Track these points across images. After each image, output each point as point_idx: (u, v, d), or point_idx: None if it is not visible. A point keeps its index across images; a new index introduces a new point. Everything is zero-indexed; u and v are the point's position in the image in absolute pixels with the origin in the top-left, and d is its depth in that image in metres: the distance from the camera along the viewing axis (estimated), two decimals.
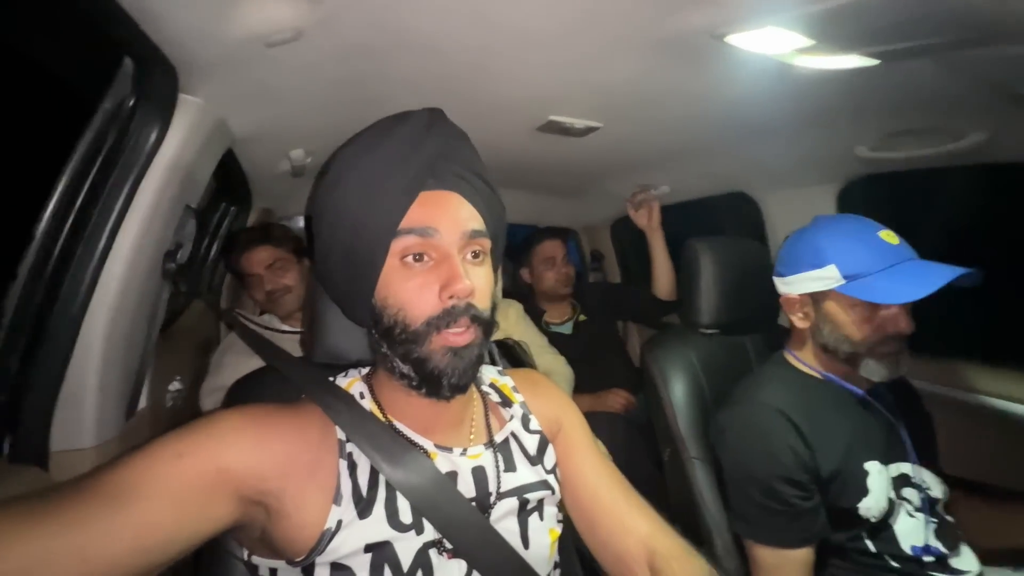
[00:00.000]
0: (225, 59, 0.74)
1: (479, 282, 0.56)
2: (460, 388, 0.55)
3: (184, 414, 1.32)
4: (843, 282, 0.86)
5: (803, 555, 0.83)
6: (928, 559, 0.84)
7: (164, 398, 1.19)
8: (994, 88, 0.85)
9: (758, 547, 0.87)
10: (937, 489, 0.90)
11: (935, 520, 0.87)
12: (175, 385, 1.29)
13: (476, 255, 0.57)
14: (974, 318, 1.42)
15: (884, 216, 0.93)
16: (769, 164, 1.46)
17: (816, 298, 0.91)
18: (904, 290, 0.80)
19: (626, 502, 0.67)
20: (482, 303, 0.56)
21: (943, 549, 0.85)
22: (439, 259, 0.55)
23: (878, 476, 0.86)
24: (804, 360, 0.97)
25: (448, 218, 0.55)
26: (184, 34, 0.66)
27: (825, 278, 0.88)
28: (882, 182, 1.37)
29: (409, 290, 0.54)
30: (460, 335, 0.54)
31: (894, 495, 0.86)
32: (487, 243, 0.58)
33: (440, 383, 0.54)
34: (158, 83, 0.73)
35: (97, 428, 0.79)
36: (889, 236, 0.87)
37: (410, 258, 0.55)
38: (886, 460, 0.88)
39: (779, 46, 0.72)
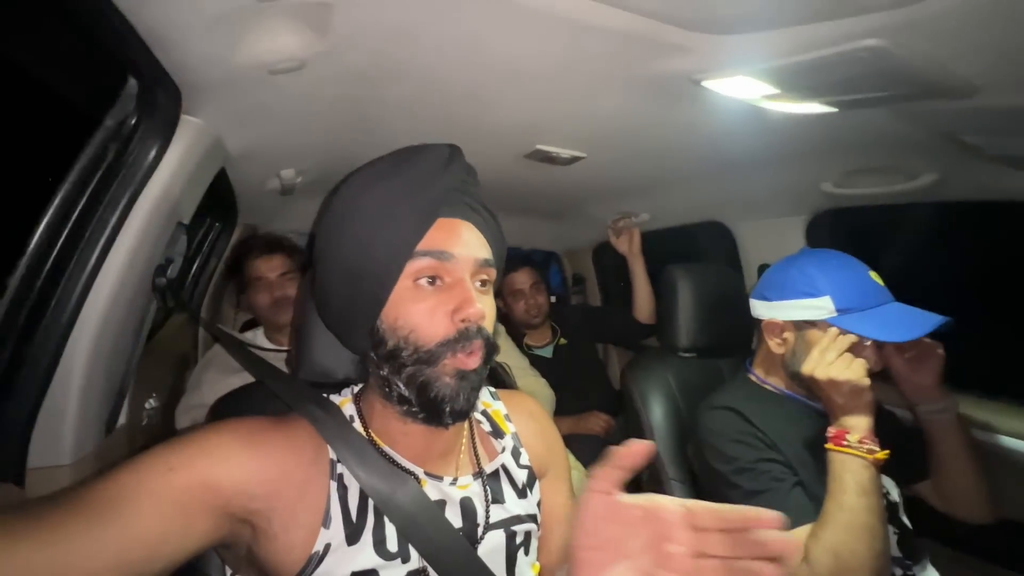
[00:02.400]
0: (228, 84, 0.76)
1: (487, 310, 0.56)
2: (462, 415, 0.55)
3: (159, 432, 1.29)
4: (835, 315, 0.87)
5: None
6: (895, 570, 0.87)
7: (141, 415, 1.17)
8: (942, 135, 0.93)
9: None
10: (894, 493, 0.94)
11: (897, 530, 0.91)
12: (151, 403, 1.26)
13: (483, 284, 0.58)
14: None
15: (847, 246, 0.99)
16: (742, 196, 1.54)
17: (800, 326, 0.93)
18: (897, 330, 0.83)
19: None
20: (489, 329, 0.57)
21: (906, 560, 0.88)
22: (451, 284, 0.55)
23: None
24: (767, 380, 1.01)
25: (463, 244, 0.56)
26: (193, 59, 0.69)
27: (818, 308, 0.89)
28: (847, 215, 1.46)
29: (421, 312, 0.54)
30: (470, 357, 0.54)
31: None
32: (494, 273, 0.59)
33: (442, 410, 0.54)
34: (162, 104, 0.75)
35: (76, 445, 0.77)
36: (876, 277, 0.90)
37: (423, 280, 0.55)
38: None
39: (749, 92, 0.78)
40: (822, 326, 0.89)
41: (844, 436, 0.80)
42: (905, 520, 0.94)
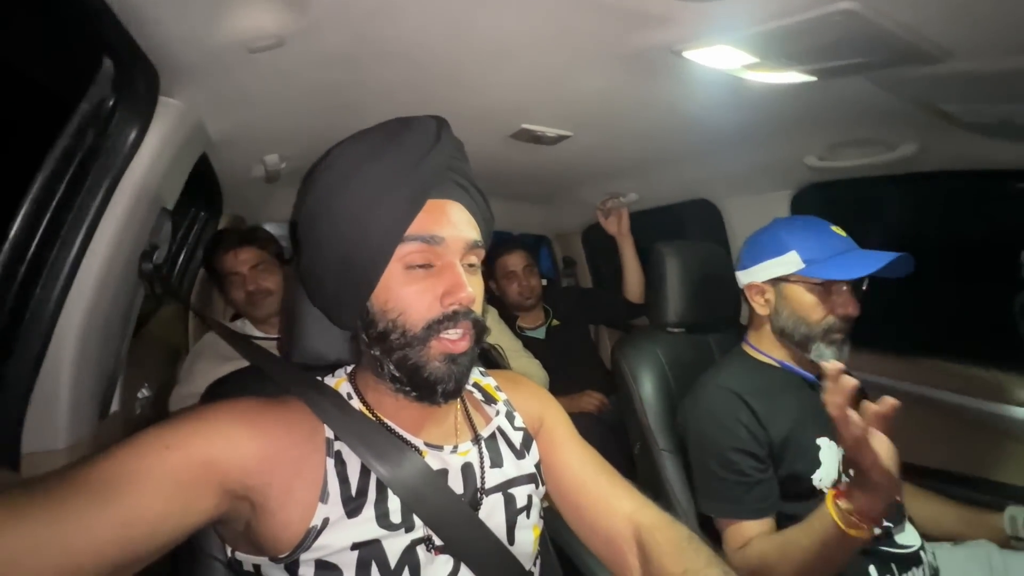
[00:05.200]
0: (207, 63, 0.75)
1: (476, 291, 0.57)
2: (454, 394, 0.57)
3: (152, 422, 1.29)
4: (803, 266, 0.96)
5: (761, 526, 0.90)
6: (875, 530, 0.91)
7: (134, 405, 1.17)
8: (920, 104, 0.94)
9: (722, 522, 0.93)
10: None
11: None
12: (144, 392, 1.26)
13: (472, 265, 0.59)
14: (912, 315, 1.55)
15: (833, 219, 1.03)
16: (728, 173, 1.55)
17: (777, 284, 1.00)
18: (856, 268, 0.91)
19: (610, 484, 0.69)
20: (478, 311, 0.58)
21: (887, 522, 0.92)
22: (441, 267, 0.56)
23: (828, 451, 0.94)
24: (761, 348, 1.06)
25: (452, 227, 0.56)
26: (169, 38, 0.68)
27: (787, 263, 0.97)
28: (831, 189, 1.49)
29: (410, 294, 0.55)
30: (458, 341, 0.55)
31: (844, 470, 0.94)
32: (482, 253, 0.60)
33: (435, 389, 0.55)
34: (139, 85, 0.74)
35: (70, 430, 0.77)
36: (839, 230, 0.98)
37: (413, 263, 0.55)
38: (836, 438, 0.96)
39: (729, 62, 0.79)
40: (794, 279, 0.97)
41: (841, 496, 0.76)
42: None
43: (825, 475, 0.92)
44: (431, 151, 0.57)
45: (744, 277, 1.07)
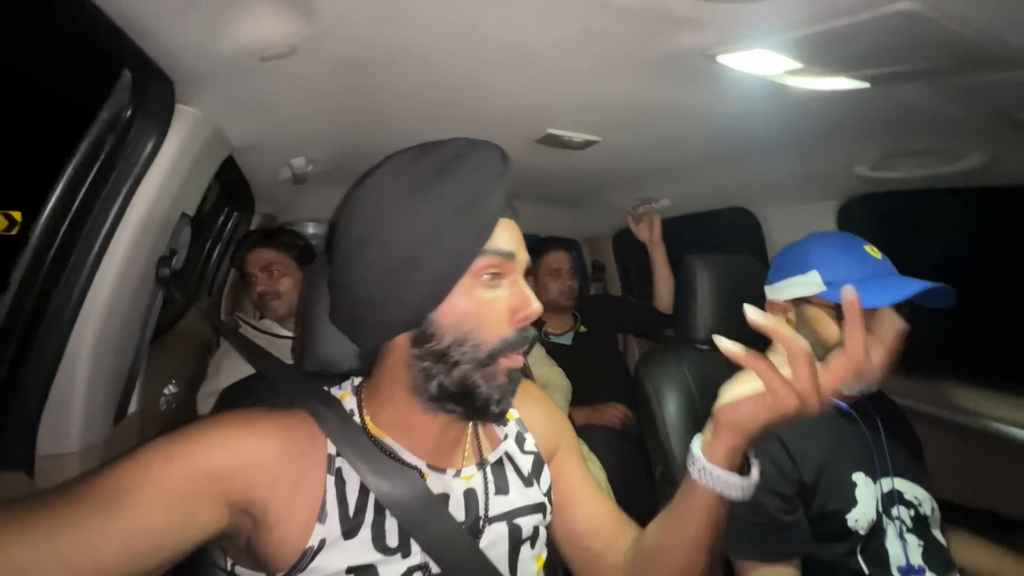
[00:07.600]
0: (221, 72, 0.75)
1: None
2: (504, 413, 0.56)
3: (180, 417, 1.33)
4: (824, 288, 0.88)
5: (784, 571, 0.82)
6: None
7: (158, 402, 1.20)
8: (991, 113, 0.84)
9: (741, 563, 0.86)
10: (927, 506, 0.89)
11: (922, 541, 0.86)
12: (170, 388, 1.30)
13: None
14: (969, 340, 1.41)
15: (883, 233, 0.94)
16: (769, 180, 1.46)
17: (799, 304, 0.93)
18: (877, 297, 0.81)
19: (614, 518, 0.69)
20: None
21: (930, 572, 0.83)
22: (510, 283, 0.56)
23: (865, 488, 0.85)
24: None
25: (518, 245, 0.57)
26: (179, 48, 0.67)
27: (807, 283, 0.90)
28: (882, 200, 1.37)
29: (487, 310, 0.54)
30: (518, 358, 0.55)
31: (883, 510, 0.85)
32: None
33: (488, 409, 0.54)
34: (155, 94, 0.75)
35: (83, 433, 0.79)
36: (873, 251, 0.89)
37: (487, 277, 0.54)
38: (873, 474, 0.87)
39: (769, 67, 0.72)
40: (815, 300, 0.89)
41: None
42: (936, 534, 0.89)
43: (862, 515, 0.84)
44: (503, 172, 0.57)
45: (768, 293, 0.99)
